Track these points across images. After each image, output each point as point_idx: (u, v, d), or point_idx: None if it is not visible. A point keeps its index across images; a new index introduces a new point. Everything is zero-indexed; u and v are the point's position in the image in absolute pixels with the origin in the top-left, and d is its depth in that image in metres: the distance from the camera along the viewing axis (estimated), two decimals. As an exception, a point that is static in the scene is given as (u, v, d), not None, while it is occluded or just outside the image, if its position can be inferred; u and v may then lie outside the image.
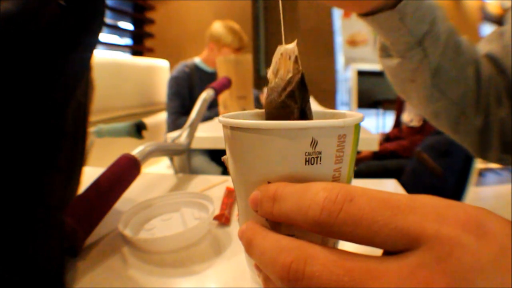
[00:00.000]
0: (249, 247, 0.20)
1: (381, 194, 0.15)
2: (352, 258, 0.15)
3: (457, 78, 0.38)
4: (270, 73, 0.27)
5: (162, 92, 1.94)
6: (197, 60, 1.78)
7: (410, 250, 0.14)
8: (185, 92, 1.66)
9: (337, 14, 3.33)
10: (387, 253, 0.15)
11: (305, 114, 0.26)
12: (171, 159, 0.73)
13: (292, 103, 0.26)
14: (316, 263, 0.15)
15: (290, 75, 0.26)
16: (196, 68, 1.74)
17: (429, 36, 0.36)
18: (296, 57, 0.26)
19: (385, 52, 0.42)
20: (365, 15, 0.36)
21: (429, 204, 0.15)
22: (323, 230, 0.16)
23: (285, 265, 0.16)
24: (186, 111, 1.59)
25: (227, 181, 0.60)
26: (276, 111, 0.26)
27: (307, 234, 0.26)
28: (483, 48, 0.42)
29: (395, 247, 0.15)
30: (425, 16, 0.35)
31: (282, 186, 0.19)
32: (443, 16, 0.36)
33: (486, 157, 0.46)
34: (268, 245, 0.18)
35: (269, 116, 0.27)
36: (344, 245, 0.18)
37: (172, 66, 2.05)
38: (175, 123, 1.63)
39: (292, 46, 0.26)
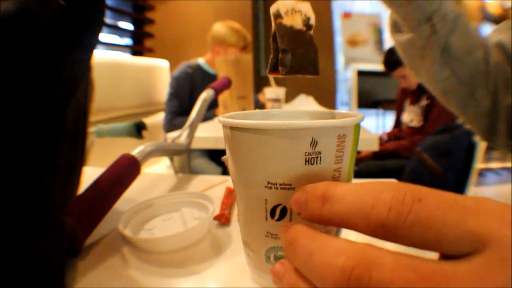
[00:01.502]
0: (291, 247, 0.17)
1: (447, 195, 0.15)
2: (422, 262, 0.14)
3: (466, 58, 0.39)
4: None
5: (162, 92, 1.94)
6: (201, 61, 1.78)
7: (475, 252, 0.13)
8: (185, 93, 1.66)
9: (337, 14, 3.33)
10: (444, 256, 0.15)
11: (276, 64, 0.28)
12: (171, 159, 0.73)
13: (271, 56, 0.29)
14: (385, 269, 0.14)
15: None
16: (199, 69, 1.74)
17: (438, 13, 0.37)
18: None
19: (396, 28, 0.43)
20: None
21: (490, 205, 0.14)
22: (388, 234, 0.15)
23: (345, 270, 0.14)
24: (185, 112, 1.59)
25: (227, 181, 0.60)
26: None
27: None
28: (493, 37, 0.43)
29: (461, 250, 0.14)
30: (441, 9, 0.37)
31: (333, 185, 0.17)
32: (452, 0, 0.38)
33: (493, 142, 0.46)
34: (318, 246, 0.16)
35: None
36: (347, 237, 0.17)
37: (172, 66, 2.05)
38: (171, 122, 1.63)
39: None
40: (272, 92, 1.43)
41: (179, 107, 1.64)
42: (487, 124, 0.45)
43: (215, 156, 1.57)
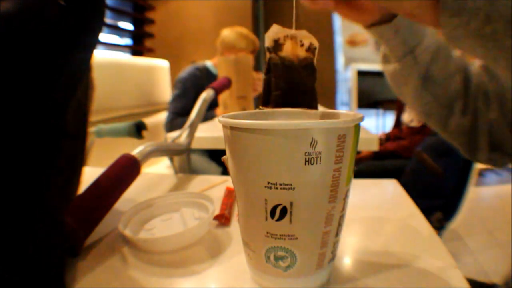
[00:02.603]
0: None
1: None
2: None
3: (445, 84, 0.44)
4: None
5: (162, 92, 1.94)
6: (208, 63, 1.79)
7: None
8: (190, 95, 1.66)
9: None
10: None
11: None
12: (171, 159, 0.73)
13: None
14: None
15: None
16: (207, 72, 1.75)
17: (420, 46, 0.42)
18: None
19: (385, 59, 0.47)
20: (369, 26, 0.43)
21: None
22: None
23: None
24: (188, 113, 1.59)
25: (227, 181, 0.60)
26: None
27: (306, 236, 0.26)
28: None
29: None
30: (417, 30, 0.42)
31: None
32: (434, 32, 0.43)
33: (475, 158, 0.48)
34: None
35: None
36: (348, 238, 0.18)
37: (172, 66, 2.05)
38: (172, 122, 1.63)
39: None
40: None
41: (183, 108, 1.64)
42: (468, 140, 0.47)
43: (215, 156, 1.57)
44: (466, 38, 0.26)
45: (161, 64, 1.99)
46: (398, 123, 2.00)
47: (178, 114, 1.64)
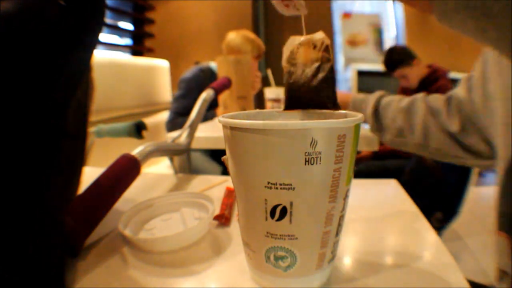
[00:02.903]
0: None
1: None
2: None
3: (392, 123, 0.65)
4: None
5: (162, 92, 1.93)
6: (212, 65, 1.79)
7: None
8: (193, 95, 1.66)
9: (337, 14, 3.33)
10: None
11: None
12: (171, 159, 0.73)
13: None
14: None
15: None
16: (210, 73, 1.75)
17: (366, 115, 0.66)
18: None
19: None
20: None
21: None
22: None
23: None
24: (188, 113, 1.59)
25: (227, 181, 0.60)
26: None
27: (306, 236, 0.26)
28: (458, 87, 0.60)
29: None
30: (363, 109, 0.68)
31: None
32: (374, 102, 0.68)
33: (464, 164, 0.59)
34: None
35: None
36: (348, 238, 0.18)
37: (172, 66, 2.05)
38: (173, 122, 1.64)
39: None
40: (272, 92, 1.43)
41: (185, 108, 1.64)
42: (445, 155, 0.60)
43: (215, 155, 1.57)
44: (456, 12, 0.29)
45: (161, 64, 1.99)
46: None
47: (180, 114, 1.64)
